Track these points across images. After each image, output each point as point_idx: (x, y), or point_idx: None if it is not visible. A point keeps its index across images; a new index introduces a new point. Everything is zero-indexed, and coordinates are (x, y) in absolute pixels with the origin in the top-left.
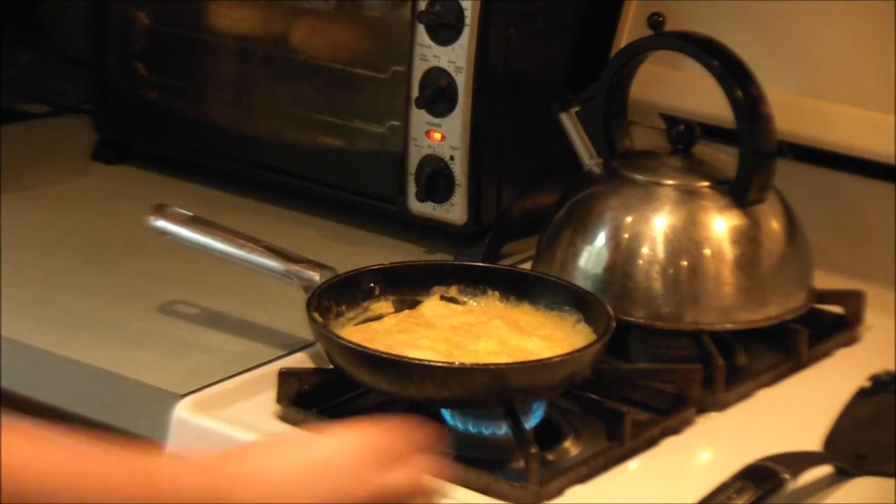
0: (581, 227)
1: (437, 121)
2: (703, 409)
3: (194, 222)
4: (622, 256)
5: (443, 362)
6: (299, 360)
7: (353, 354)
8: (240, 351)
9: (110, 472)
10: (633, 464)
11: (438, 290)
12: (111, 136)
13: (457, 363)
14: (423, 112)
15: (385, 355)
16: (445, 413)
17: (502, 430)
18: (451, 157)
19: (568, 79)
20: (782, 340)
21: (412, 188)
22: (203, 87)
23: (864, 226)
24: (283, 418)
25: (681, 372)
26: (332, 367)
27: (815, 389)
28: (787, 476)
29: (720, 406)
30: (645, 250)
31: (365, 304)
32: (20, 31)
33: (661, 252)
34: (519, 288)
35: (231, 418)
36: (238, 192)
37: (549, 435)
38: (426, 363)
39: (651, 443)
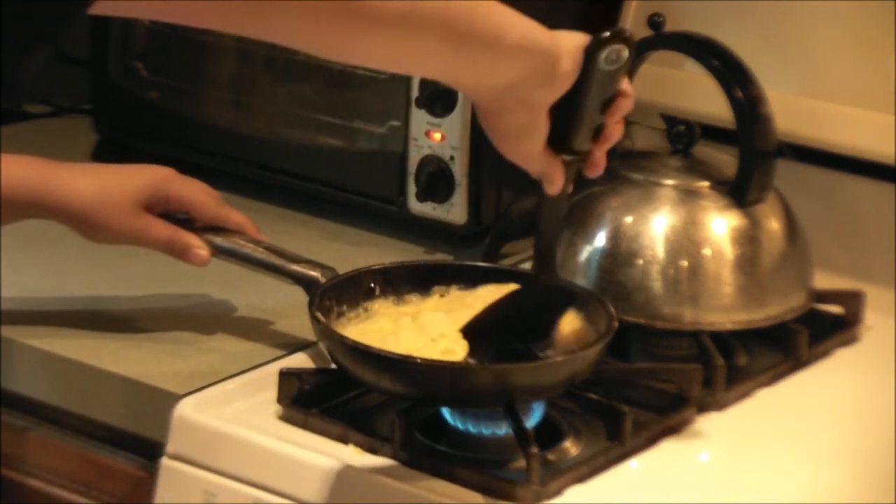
0: (581, 227)
1: (437, 121)
2: (703, 409)
3: (194, 222)
4: (622, 256)
5: (446, 362)
6: (300, 360)
7: (357, 353)
8: (240, 351)
9: None
10: (633, 464)
11: (438, 291)
12: (111, 136)
13: (459, 362)
14: (423, 112)
15: (389, 354)
16: (445, 413)
17: (502, 430)
18: (451, 157)
19: None
20: (782, 340)
21: (412, 188)
22: (203, 87)
23: (864, 226)
24: (284, 418)
25: (681, 372)
26: (332, 367)
27: (815, 389)
28: None
29: (720, 406)
30: (645, 250)
31: (365, 305)
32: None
33: (661, 252)
34: None
35: (231, 418)
36: (238, 192)
37: (549, 435)
38: (429, 362)
39: (651, 443)
